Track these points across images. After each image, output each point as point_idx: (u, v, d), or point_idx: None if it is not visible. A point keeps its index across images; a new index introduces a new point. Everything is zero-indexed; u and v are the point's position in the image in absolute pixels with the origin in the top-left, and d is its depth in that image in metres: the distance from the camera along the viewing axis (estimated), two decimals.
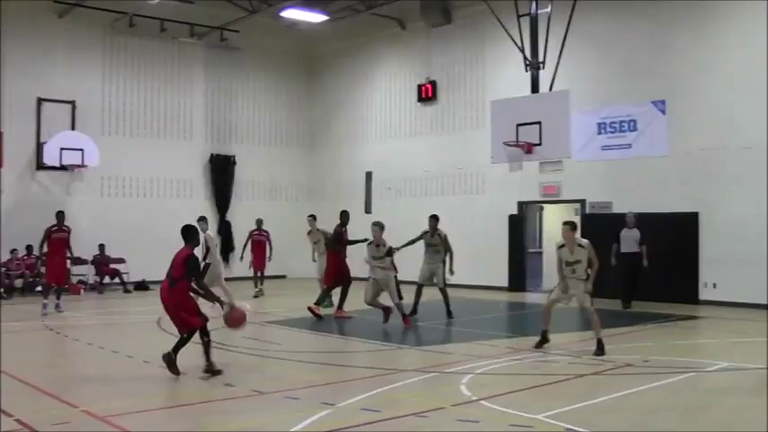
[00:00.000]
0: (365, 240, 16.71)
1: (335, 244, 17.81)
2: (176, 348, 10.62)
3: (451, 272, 17.05)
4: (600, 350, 12.17)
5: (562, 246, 12.71)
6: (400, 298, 15.79)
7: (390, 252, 15.48)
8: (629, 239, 18.69)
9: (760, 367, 10.84)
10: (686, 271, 19.27)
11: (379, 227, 15.74)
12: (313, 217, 20.46)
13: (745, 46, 18.79)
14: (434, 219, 17.36)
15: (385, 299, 15.73)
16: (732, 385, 10.07)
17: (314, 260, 20.49)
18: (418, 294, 17.15)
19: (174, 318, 10.80)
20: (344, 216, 18.24)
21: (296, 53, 30.29)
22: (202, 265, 16.56)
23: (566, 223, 12.96)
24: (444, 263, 17.10)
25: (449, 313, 16.87)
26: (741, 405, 8.96)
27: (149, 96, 26.72)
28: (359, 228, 20.89)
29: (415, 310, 16.92)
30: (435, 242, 17.13)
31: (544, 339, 12.89)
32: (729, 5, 19.13)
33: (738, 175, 18.69)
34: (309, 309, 16.78)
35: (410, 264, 17.79)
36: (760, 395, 9.37)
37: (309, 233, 20.34)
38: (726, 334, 14.96)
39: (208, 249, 17.85)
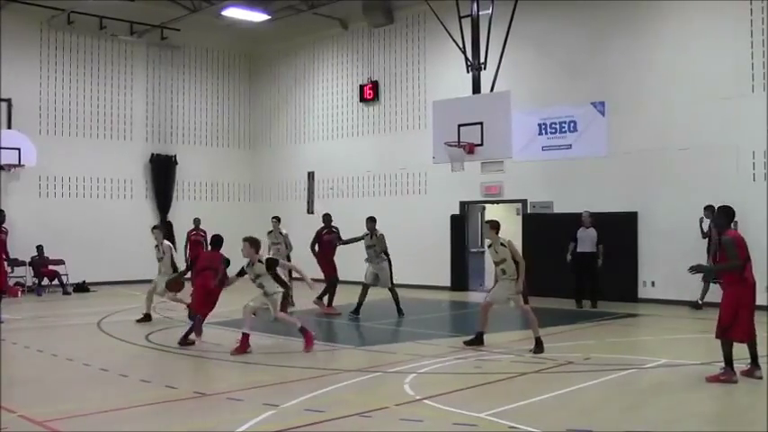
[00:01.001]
0: (362, 238, 17.47)
1: (312, 245, 18.50)
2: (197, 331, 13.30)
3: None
4: (538, 348, 12.30)
5: (490, 245, 12.89)
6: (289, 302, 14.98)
7: (271, 265, 13.00)
8: (586, 239, 18.81)
9: (695, 363, 11.05)
10: (626, 270, 19.52)
11: (249, 242, 13.11)
12: (277, 219, 20.31)
13: (681, 47, 19.12)
14: (371, 221, 17.55)
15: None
16: (670, 381, 10.24)
17: None
18: (363, 294, 17.23)
19: (211, 301, 13.68)
20: (326, 218, 18.87)
21: (237, 52, 30.13)
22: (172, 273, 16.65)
23: (487, 222, 13.14)
24: (389, 263, 17.32)
25: (399, 311, 17.05)
26: (679, 401, 9.13)
27: (88, 95, 26.31)
28: (300, 229, 20.93)
29: (357, 310, 17.01)
30: (373, 243, 17.32)
31: (478, 340, 13.02)
32: (667, 7, 19.45)
33: (675, 175, 19.01)
34: (327, 313, 17.64)
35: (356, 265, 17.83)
36: (696, 391, 9.57)
37: (270, 233, 20.15)
38: (663, 331, 15.23)
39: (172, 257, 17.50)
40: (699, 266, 10.21)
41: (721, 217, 10.41)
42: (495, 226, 12.86)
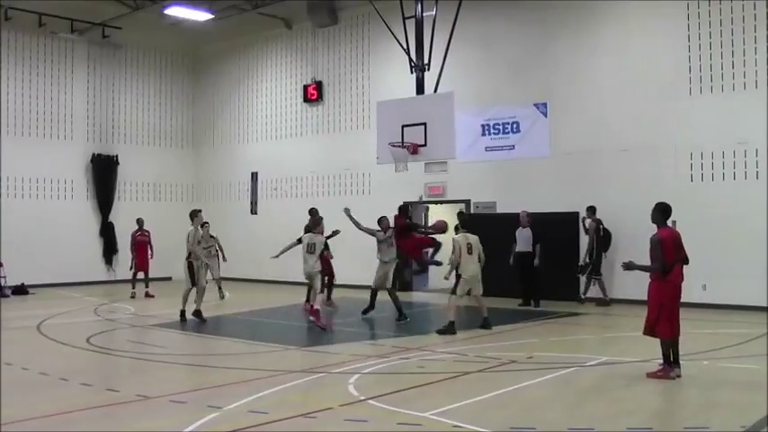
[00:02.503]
0: (337, 232, 17.91)
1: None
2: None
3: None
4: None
5: None
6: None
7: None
8: (523, 238, 19.01)
9: (635, 360, 11.24)
10: (567, 270, 19.73)
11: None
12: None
13: (621, 49, 19.43)
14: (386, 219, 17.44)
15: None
16: (611, 379, 10.41)
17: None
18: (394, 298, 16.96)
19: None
20: (312, 212, 18.78)
21: (180, 51, 29.85)
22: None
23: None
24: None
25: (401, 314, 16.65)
26: (620, 397, 9.27)
27: (27, 93, 25.82)
28: (243, 230, 20.81)
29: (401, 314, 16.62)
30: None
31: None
32: (607, 8, 19.77)
33: (616, 176, 19.29)
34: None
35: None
36: (637, 387, 9.72)
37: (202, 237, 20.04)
38: (604, 330, 15.45)
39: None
40: (630, 264, 10.47)
41: (656, 213, 10.54)
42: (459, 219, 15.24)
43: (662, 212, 10.53)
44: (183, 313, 16.42)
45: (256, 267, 18.43)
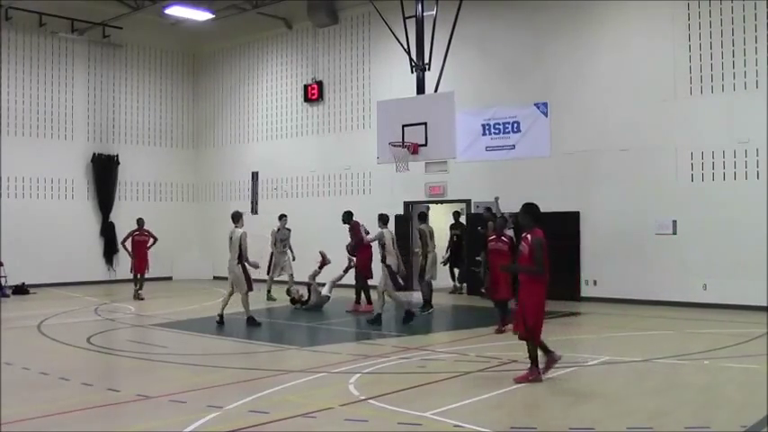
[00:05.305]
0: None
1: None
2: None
3: None
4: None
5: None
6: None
7: None
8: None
9: (636, 360, 11.24)
10: (568, 269, 19.71)
11: None
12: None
13: (621, 49, 19.42)
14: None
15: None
16: (612, 378, 10.41)
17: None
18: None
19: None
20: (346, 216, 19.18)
21: (181, 51, 29.85)
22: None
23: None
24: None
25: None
26: (620, 397, 9.27)
27: (28, 93, 25.81)
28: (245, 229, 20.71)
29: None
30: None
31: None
32: (606, 8, 19.77)
33: (616, 176, 19.29)
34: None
35: None
36: (636, 387, 9.73)
37: (279, 230, 20.76)
38: (605, 329, 15.42)
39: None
40: (509, 267, 10.79)
41: (525, 215, 10.41)
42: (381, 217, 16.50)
43: (531, 214, 10.39)
44: (251, 319, 15.76)
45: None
